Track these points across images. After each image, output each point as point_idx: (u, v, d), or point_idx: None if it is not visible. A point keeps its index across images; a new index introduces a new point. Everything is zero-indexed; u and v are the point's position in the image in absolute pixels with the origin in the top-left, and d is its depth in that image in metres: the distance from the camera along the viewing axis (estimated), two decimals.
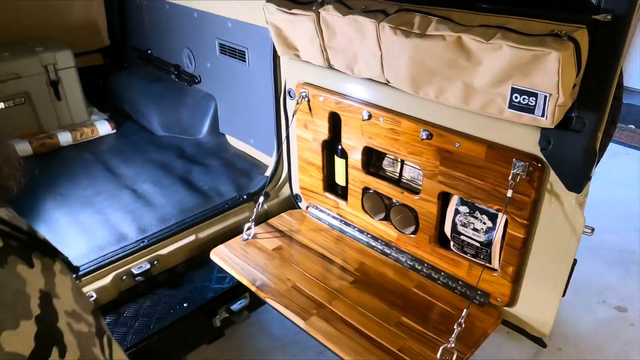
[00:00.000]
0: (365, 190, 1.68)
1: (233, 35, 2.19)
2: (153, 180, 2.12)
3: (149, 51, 2.91)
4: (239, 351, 2.12)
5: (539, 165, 1.19)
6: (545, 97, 1.06)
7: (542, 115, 1.08)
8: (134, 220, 1.85)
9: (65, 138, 2.42)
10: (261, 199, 1.76)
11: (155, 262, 1.70)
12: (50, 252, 0.65)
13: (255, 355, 2.10)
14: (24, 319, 0.54)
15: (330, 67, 1.54)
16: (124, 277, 1.64)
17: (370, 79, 1.46)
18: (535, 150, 1.20)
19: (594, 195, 1.27)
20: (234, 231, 1.82)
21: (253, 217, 1.74)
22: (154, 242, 1.74)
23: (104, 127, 2.54)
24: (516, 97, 1.10)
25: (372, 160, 1.69)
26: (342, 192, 1.80)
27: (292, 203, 2.03)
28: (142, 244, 1.72)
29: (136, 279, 1.66)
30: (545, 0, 1.11)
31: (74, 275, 0.71)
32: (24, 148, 2.30)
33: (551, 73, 1.02)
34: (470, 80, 1.17)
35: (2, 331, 0.51)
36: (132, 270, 1.66)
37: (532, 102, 1.09)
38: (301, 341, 2.18)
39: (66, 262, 0.69)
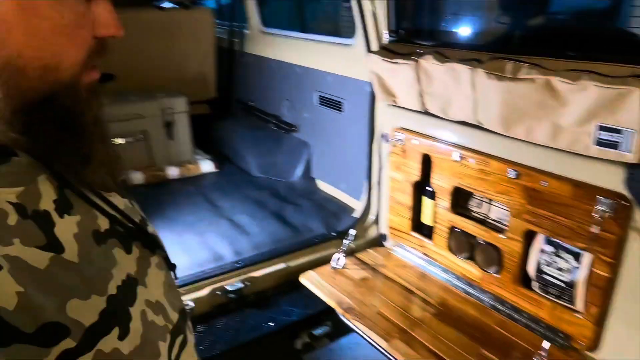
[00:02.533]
0: (452, 229, 1.88)
1: (332, 87, 2.56)
2: (249, 213, 2.47)
3: (251, 102, 3.40)
4: None
5: (625, 202, 1.34)
6: (630, 133, 1.24)
7: (628, 151, 1.26)
8: (230, 244, 2.17)
9: (173, 172, 2.89)
10: (352, 231, 2.01)
11: (247, 283, 1.97)
12: (151, 246, 0.74)
13: None
14: (97, 294, 0.59)
15: (425, 111, 1.82)
16: (218, 293, 1.92)
17: (462, 123, 1.71)
18: (621, 188, 1.35)
19: None
20: (322, 263, 2.06)
21: (344, 248, 1.99)
22: (247, 265, 2.03)
23: (207, 166, 2.99)
24: (602, 134, 1.29)
25: (460, 200, 1.89)
26: (428, 232, 2.00)
27: (377, 243, 2.25)
28: (236, 265, 2.01)
29: (229, 295, 1.94)
30: (623, 48, 1.33)
31: (172, 272, 0.81)
32: (137, 177, 2.77)
33: (635, 110, 1.21)
34: (558, 119, 1.38)
35: (72, 298, 0.56)
36: (226, 287, 1.94)
37: (617, 139, 1.27)
38: None
39: (165, 258, 0.78)
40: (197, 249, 2.14)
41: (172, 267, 0.82)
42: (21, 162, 0.58)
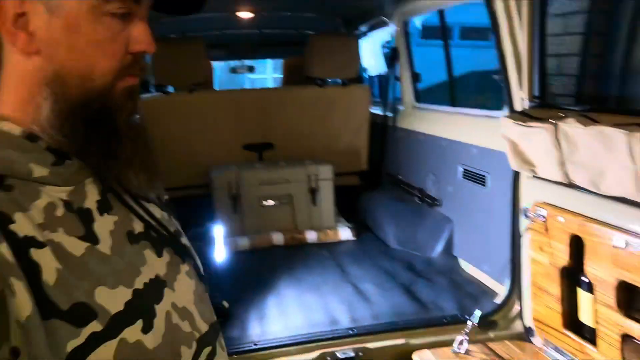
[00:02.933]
0: (625, 338, 1.46)
1: (476, 160, 2.40)
2: (376, 282, 2.35)
3: (399, 175, 3.35)
4: None
5: None
6: None
7: None
8: (349, 310, 2.07)
9: (311, 236, 2.93)
10: (477, 312, 1.75)
11: (360, 354, 1.82)
12: (182, 254, 0.78)
13: None
14: (124, 285, 0.65)
15: (570, 184, 1.56)
16: (328, 358, 1.81)
17: (624, 200, 1.42)
18: None
19: None
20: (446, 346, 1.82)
21: (467, 330, 1.74)
22: (362, 334, 1.89)
23: (345, 233, 2.98)
24: None
25: (635, 301, 1.48)
26: (589, 335, 1.61)
27: (522, 337, 1.92)
28: (350, 332, 1.89)
29: None
30: None
31: (203, 284, 0.82)
32: (278, 238, 2.88)
33: None
34: None
35: (100, 285, 0.62)
36: (337, 354, 1.82)
37: None
38: None
39: (196, 268, 0.81)
40: (315, 309, 2.09)
41: (202, 278, 0.84)
42: (73, 165, 0.67)
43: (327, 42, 3.28)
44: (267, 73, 10.04)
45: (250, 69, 4.48)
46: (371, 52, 4.24)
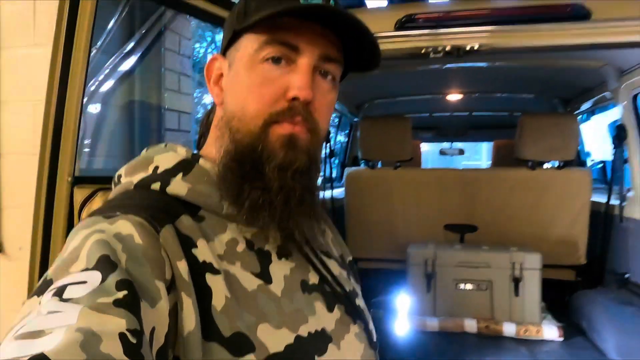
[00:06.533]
0: None
1: None
2: None
3: (627, 274, 2.76)
4: None
5: None
6: None
7: None
8: None
9: (509, 329, 2.55)
10: None
11: None
12: (354, 315, 0.77)
13: None
14: (288, 328, 0.64)
15: None
16: None
17: None
18: None
19: None
20: None
21: None
22: None
23: (551, 332, 2.51)
24: None
25: None
26: None
27: None
28: None
29: None
30: None
31: (374, 351, 0.80)
32: (471, 325, 2.59)
33: None
34: None
35: (265, 322, 0.62)
36: None
37: None
38: None
39: (368, 333, 0.79)
40: None
41: (373, 345, 0.80)
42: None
43: (540, 122, 3.02)
44: (483, 159, 9.50)
45: (461, 152, 4.36)
46: (594, 134, 3.74)
